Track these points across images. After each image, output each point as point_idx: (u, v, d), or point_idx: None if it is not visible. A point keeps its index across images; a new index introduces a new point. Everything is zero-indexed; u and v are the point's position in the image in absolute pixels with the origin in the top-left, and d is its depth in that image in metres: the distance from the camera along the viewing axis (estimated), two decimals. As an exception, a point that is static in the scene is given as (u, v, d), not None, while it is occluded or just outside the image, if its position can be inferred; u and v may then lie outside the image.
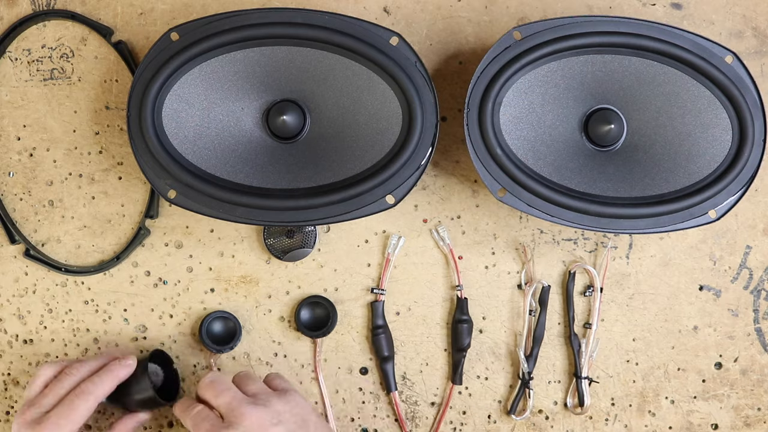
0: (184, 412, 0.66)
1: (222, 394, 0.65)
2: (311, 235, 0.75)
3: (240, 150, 0.68)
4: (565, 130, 0.69)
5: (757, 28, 0.76)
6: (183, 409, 0.66)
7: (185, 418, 0.65)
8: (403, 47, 0.66)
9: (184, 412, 0.66)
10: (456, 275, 0.75)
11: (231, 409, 0.63)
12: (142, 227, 0.74)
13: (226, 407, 0.64)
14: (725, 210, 0.68)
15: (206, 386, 0.66)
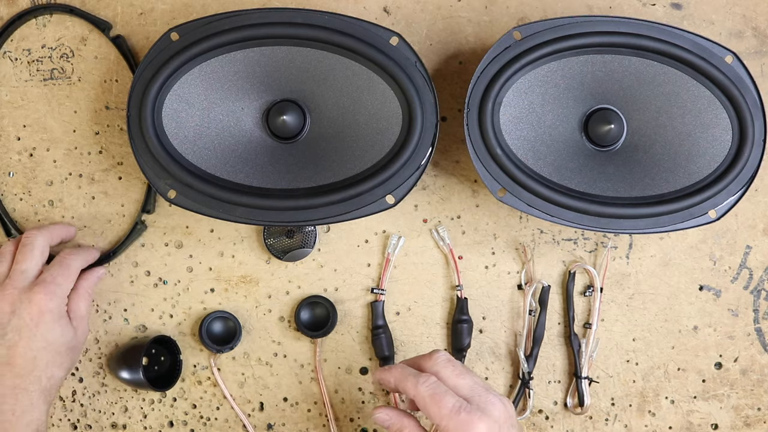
0: (408, 379, 0.60)
1: (464, 375, 0.60)
2: (311, 235, 0.75)
3: (240, 150, 0.68)
4: (565, 130, 0.69)
5: (757, 28, 0.75)
6: (405, 376, 0.61)
7: (413, 385, 0.59)
8: (403, 47, 0.66)
9: (409, 379, 0.60)
10: (456, 275, 0.75)
11: (477, 393, 0.59)
12: (138, 222, 0.75)
13: (469, 390, 0.59)
14: (725, 210, 0.68)
15: (445, 362, 0.61)
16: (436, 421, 0.58)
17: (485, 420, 0.57)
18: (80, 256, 0.71)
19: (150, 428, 0.76)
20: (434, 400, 0.58)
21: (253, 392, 0.76)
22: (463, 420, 0.57)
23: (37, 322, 0.66)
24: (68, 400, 0.76)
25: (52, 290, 0.67)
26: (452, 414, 0.57)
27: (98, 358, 0.76)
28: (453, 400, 0.58)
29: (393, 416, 0.62)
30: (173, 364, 0.76)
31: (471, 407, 0.58)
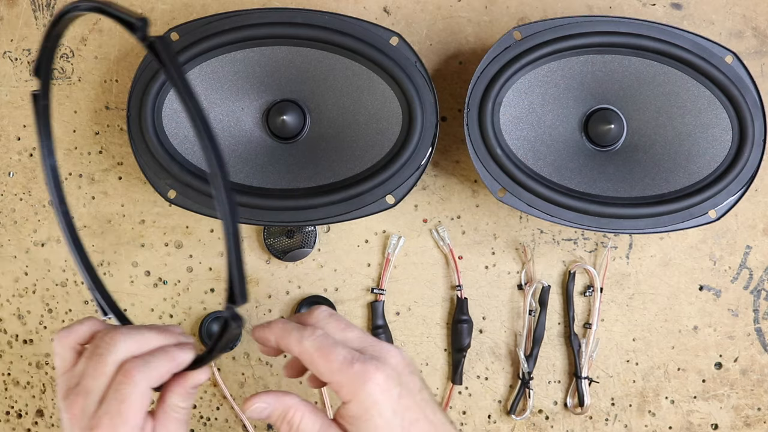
0: (291, 333, 0.52)
1: (351, 328, 0.53)
2: (311, 235, 0.75)
3: (240, 150, 0.68)
4: (565, 130, 0.69)
5: (757, 28, 0.75)
6: (287, 331, 0.52)
7: (297, 340, 0.51)
8: (403, 47, 0.66)
9: (292, 333, 0.51)
10: (456, 275, 0.75)
11: (368, 343, 0.52)
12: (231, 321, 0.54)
13: (360, 341, 0.52)
14: (725, 210, 0.68)
15: (327, 317, 0.53)
16: (327, 377, 0.50)
17: (382, 369, 0.49)
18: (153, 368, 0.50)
19: (150, 428, 0.76)
20: (322, 353, 0.50)
21: (253, 392, 0.76)
22: (358, 371, 0.49)
23: None
24: (68, 400, 0.76)
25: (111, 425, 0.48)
26: (344, 366, 0.49)
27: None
28: (344, 352, 0.50)
29: (270, 401, 0.51)
30: None
31: (365, 357, 0.50)
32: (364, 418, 0.49)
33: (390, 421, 0.49)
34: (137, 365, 0.49)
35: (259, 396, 0.51)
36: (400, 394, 0.50)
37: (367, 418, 0.49)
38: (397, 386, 0.50)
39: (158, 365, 0.50)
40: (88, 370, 0.50)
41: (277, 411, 0.51)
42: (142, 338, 0.51)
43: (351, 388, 0.49)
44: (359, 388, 0.49)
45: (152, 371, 0.49)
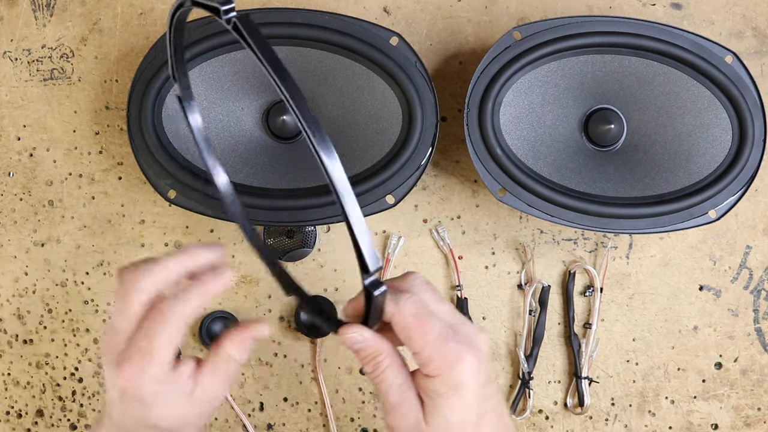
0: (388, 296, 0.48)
1: (444, 301, 0.51)
2: (311, 235, 0.75)
3: (240, 150, 0.68)
4: (565, 130, 0.69)
5: (757, 28, 0.75)
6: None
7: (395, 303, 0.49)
8: (403, 47, 0.66)
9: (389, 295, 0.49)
10: (456, 275, 0.75)
11: (459, 321, 0.50)
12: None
13: (451, 317, 0.50)
14: (725, 210, 0.68)
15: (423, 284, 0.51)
16: (418, 347, 0.48)
17: (474, 352, 0.48)
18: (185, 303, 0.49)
19: (150, 428, 0.76)
20: (419, 323, 0.48)
21: (253, 392, 0.76)
22: (452, 349, 0.48)
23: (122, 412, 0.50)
24: (68, 400, 0.76)
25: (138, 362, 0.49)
26: (439, 341, 0.47)
27: (98, 358, 0.76)
28: (440, 326, 0.48)
29: (368, 338, 0.49)
30: None
31: (459, 336, 0.48)
32: (446, 396, 0.48)
33: (469, 406, 0.48)
34: (168, 303, 0.49)
35: (359, 328, 0.49)
36: (484, 382, 0.49)
37: (449, 397, 0.48)
38: (484, 373, 0.49)
39: (189, 300, 0.49)
40: (117, 310, 0.50)
41: (370, 349, 0.49)
42: (166, 271, 0.50)
43: (441, 365, 0.47)
44: (449, 367, 0.47)
45: (184, 307, 0.49)
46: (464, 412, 0.48)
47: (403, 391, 0.49)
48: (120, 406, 0.50)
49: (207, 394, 0.51)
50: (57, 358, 0.76)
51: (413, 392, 0.49)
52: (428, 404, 0.49)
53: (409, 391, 0.49)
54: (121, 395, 0.49)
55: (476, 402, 0.48)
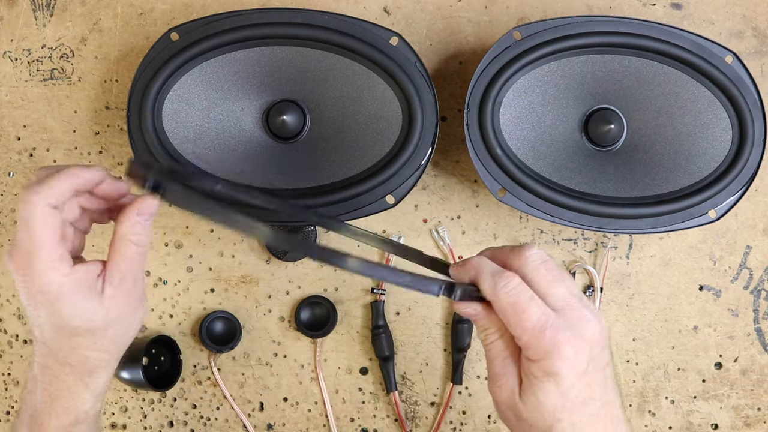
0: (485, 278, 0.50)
1: (559, 283, 0.50)
2: (311, 235, 0.75)
3: (240, 150, 0.68)
4: (565, 130, 0.69)
5: (757, 28, 0.75)
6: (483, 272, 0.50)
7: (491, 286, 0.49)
8: (403, 47, 0.66)
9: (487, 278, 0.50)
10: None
11: (570, 306, 0.49)
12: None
13: (562, 301, 0.49)
14: (725, 210, 0.68)
15: (537, 263, 0.50)
16: (516, 333, 0.48)
17: (574, 342, 0.48)
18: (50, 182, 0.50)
19: (150, 428, 0.76)
20: (515, 309, 0.48)
21: (253, 392, 0.76)
22: (548, 339, 0.47)
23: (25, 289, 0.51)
24: (68, 400, 0.76)
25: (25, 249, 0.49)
26: (535, 330, 0.48)
27: (98, 358, 0.76)
28: (538, 313, 0.48)
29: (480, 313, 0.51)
30: (173, 364, 0.76)
31: (559, 324, 0.48)
32: (541, 380, 0.49)
33: (565, 394, 0.48)
34: (31, 187, 0.49)
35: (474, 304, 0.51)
36: (586, 371, 0.49)
37: (544, 382, 0.48)
38: (586, 361, 0.48)
39: (55, 182, 0.49)
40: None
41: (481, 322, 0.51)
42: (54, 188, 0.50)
43: (537, 352, 0.48)
44: (545, 356, 0.48)
45: (48, 189, 0.49)
46: (557, 399, 0.49)
47: (506, 365, 0.51)
48: (32, 309, 0.51)
49: (119, 291, 0.51)
50: (57, 358, 0.76)
51: (515, 368, 0.51)
52: (525, 383, 0.50)
53: (511, 366, 0.51)
54: (27, 296, 0.50)
55: (573, 390, 0.48)
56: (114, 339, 0.53)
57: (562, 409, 0.49)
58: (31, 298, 0.50)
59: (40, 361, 0.54)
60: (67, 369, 0.53)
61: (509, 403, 0.51)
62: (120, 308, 0.52)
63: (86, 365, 0.53)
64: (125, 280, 0.51)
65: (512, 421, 0.52)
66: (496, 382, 0.51)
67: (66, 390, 0.53)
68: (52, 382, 0.53)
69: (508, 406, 0.51)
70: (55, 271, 0.49)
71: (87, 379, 0.54)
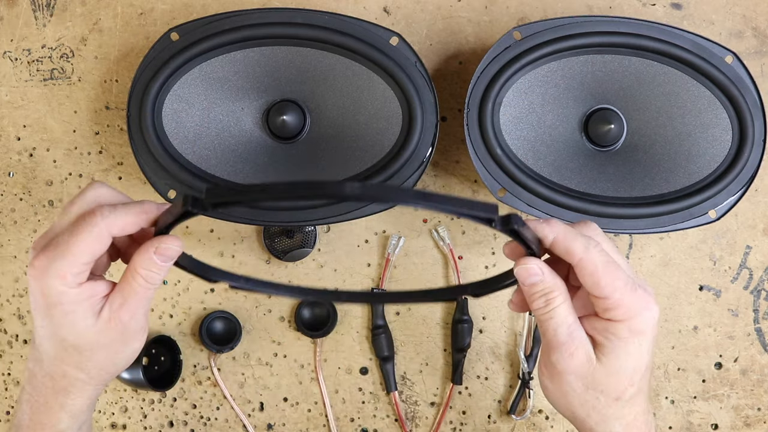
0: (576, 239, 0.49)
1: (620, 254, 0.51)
2: (311, 235, 0.75)
3: (240, 150, 0.68)
4: (565, 130, 0.69)
5: (757, 28, 0.75)
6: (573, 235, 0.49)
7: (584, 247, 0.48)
8: (403, 47, 0.66)
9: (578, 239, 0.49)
10: (456, 275, 0.75)
11: (635, 274, 0.51)
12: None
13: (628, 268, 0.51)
14: (725, 210, 0.68)
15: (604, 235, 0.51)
16: (606, 292, 0.48)
17: (657, 304, 0.50)
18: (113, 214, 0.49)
19: (150, 428, 0.76)
20: (608, 269, 0.48)
21: (253, 392, 0.76)
22: (641, 297, 0.49)
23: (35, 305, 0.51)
24: (68, 400, 0.76)
25: (52, 252, 0.48)
26: (628, 288, 0.48)
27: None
28: (626, 274, 0.49)
29: (546, 273, 0.49)
30: (173, 364, 0.76)
31: (643, 288, 0.50)
32: (628, 340, 0.49)
33: (643, 355, 0.50)
34: (102, 208, 0.49)
35: (537, 262, 0.49)
36: (656, 336, 0.51)
37: (629, 342, 0.49)
38: (659, 325, 0.51)
39: (124, 212, 0.49)
40: (59, 215, 0.51)
41: (545, 284, 0.49)
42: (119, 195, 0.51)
43: (629, 310, 0.48)
44: (638, 313, 0.49)
45: (115, 217, 0.48)
46: (638, 359, 0.50)
47: (573, 330, 0.50)
48: (33, 306, 0.51)
49: (115, 317, 0.50)
50: (57, 358, 0.76)
51: (583, 332, 0.50)
52: (605, 345, 0.49)
53: (579, 331, 0.50)
54: (31, 290, 0.50)
55: (650, 353, 0.50)
56: (99, 364, 0.52)
57: (638, 372, 0.50)
58: (33, 295, 0.50)
59: (30, 366, 0.53)
60: (47, 381, 0.52)
61: (583, 371, 0.50)
62: (112, 335, 0.51)
63: (63, 382, 0.52)
64: (124, 309, 0.50)
65: (578, 392, 0.51)
66: (566, 350, 0.50)
67: (44, 404, 0.53)
68: (33, 394, 0.53)
69: (581, 374, 0.50)
70: (64, 280, 0.48)
71: (63, 398, 0.53)
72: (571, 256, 0.49)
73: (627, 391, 0.50)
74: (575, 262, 0.49)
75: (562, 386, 0.51)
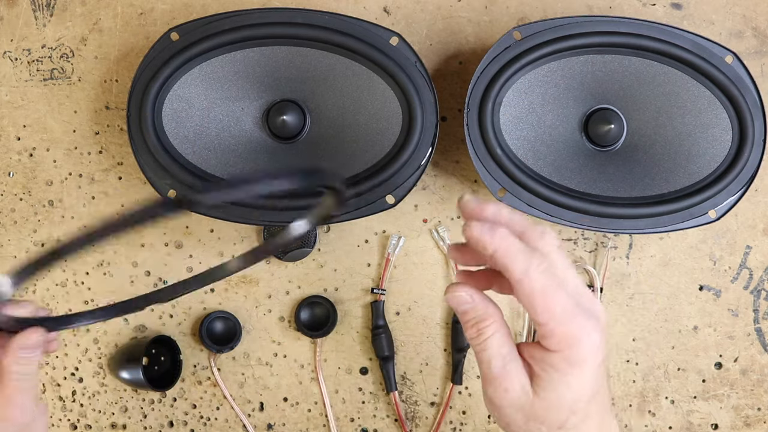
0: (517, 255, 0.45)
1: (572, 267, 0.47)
2: (311, 235, 0.75)
3: (240, 150, 0.68)
4: (565, 130, 0.69)
5: (757, 28, 0.75)
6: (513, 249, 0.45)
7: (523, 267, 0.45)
8: (403, 47, 0.66)
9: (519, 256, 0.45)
10: (456, 275, 0.75)
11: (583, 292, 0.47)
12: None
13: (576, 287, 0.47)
14: (725, 210, 0.68)
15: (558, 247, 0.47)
16: (542, 318, 0.45)
17: (598, 328, 0.45)
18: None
19: (150, 428, 0.76)
20: (545, 294, 0.45)
21: (253, 392, 0.76)
22: (578, 326, 0.45)
23: None
24: (68, 400, 0.76)
25: None
26: (564, 316, 0.45)
27: (98, 358, 0.76)
28: (566, 299, 0.45)
29: (477, 301, 0.47)
30: (173, 364, 0.76)
31: (584, 311, 0.45)
32: (564, 372, 0.45)
33: (585, 385, 0.46)
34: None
35: (468, 288, 0.47)
36: (602, 361, 0.46)
37: (567, 374, 0.45)
38: (603, 350, 0.46)
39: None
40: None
41: (477, 312, 0.47)
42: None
43: (564, 339, 0.45)
44: (574, 343, 0.45)
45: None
46: (579, 390, 0.46)
47: (508, 362, 0.46)
48: None
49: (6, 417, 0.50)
50: (57, 358, 0.76)
51: (519, 363, 0.46)
52: (542, 377, 0.46)
53: (514, 363, 0.46)
54: None
55: (593, 381, 0.46)
56: None
57: (580, 401, 0.46)
58: None
59: None
60: None
61: (520, 404, 0.46)
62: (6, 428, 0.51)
63: None
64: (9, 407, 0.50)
65: (518, 423, 0.47)
66: (499, 384, 0.47)
67: None
68: None
69: (518, 407, 0.47)
70: None
71: None
72: (509, 275, 0.45)
73: (569, 420, 0.46)
74: (513, 282, 0.45)
75: (503, 418, 0.48)
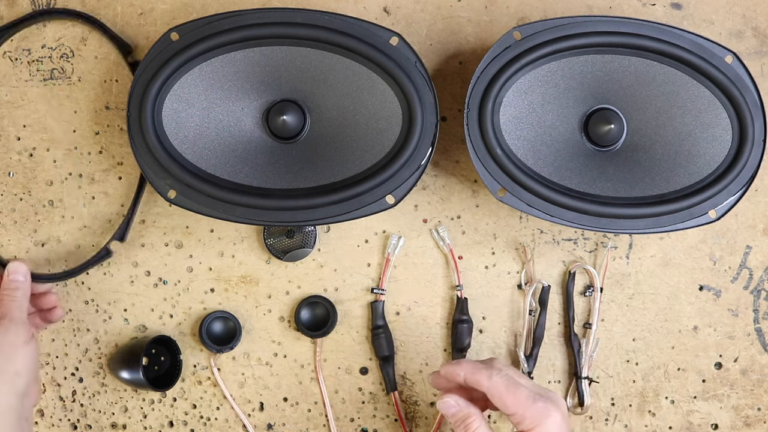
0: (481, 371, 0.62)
1: (524, 376, 0.63)
2: (311, 235, 0.75)
3: (240, 150, 0.68)
4: (565, 130, 0.69)
5: (757, 28, 0.76)
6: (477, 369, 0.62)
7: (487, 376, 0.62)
8: (403, 47, 0.66)
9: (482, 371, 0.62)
10: (456, 275, 0.75)
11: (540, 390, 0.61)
12: (106, 250, 0.73)
13: (533, 386, 0.62)
14: (725, 210, 0.68)
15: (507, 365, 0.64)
16: (512, 409, 0.60)
17: (559, 409, 0.60)
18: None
19: (150, 428, 0.76)
20: (510, 390, 0.60)
21: (253, 392, 0.76)
22: (541, 407, 0.59)
23: None
24: (68, 400, 0.76)
25: None
26: (529, 401, 0.60)
27: (98, 358, 0.76)
28: (527, 391, 0.60)
29: (461, 404, 0.63)
30: (173, 364, 0.76)
31: (544, 397, 0.60)
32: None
33: None
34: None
35: (453, 396, 0.63)
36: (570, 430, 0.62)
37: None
38: (566, 428, 0.60)
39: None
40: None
41: (462, 413, 0.63)
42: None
43: (533, 421, 0.59)
44: (541, 422, 0.59)
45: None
46: None
47: None
48: None
49: None
50: (57, 358, 0.76)
51: None
52: None
53: None
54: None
55: None
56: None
57: None
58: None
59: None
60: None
61: None
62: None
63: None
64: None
65: None
66: None
67: None
68: None
69: None
70: None
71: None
72: (480, 386, 0.62)
73: None
74: (484, 390, 0.61)
75: None
